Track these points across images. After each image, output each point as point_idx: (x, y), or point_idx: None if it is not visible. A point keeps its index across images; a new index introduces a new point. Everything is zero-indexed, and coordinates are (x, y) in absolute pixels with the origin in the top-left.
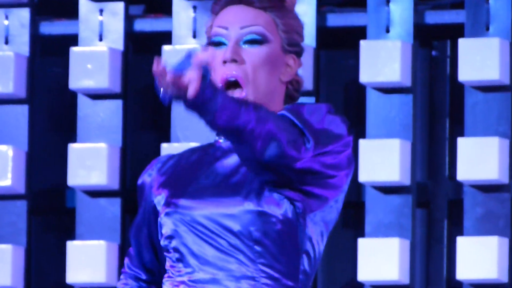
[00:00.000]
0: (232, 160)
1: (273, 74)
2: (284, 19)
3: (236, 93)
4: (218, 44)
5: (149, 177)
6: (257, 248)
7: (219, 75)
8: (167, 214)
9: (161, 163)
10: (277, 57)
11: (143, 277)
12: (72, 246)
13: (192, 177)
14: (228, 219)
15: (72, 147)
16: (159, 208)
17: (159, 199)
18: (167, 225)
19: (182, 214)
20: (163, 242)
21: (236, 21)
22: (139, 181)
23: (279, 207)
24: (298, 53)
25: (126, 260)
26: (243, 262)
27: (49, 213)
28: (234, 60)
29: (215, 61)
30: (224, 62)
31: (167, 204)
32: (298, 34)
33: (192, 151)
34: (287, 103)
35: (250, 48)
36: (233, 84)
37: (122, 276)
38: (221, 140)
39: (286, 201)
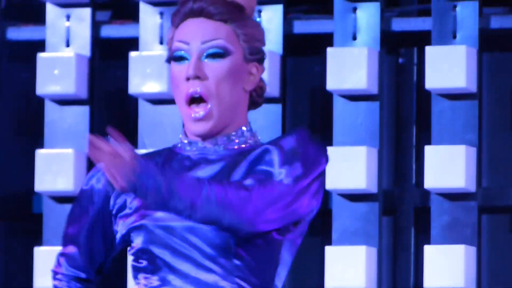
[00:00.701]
0: (206, 171)
1: (237, 85)
2: (244, 29)
3: (201, 107)
4: (180, 59)
5: (98, 182)
6: (236, 261)
7: (182, 91)
8: (141, 225)
9: None
10: (240, 67)
11: (83, 276)
12: (39, 252)
13: None
14: (208, 231)
15: (39, 152)
16: (123, 215)
17: (126, 206)
18: (140, 237)
19: (159, 226)
20: (132, 252)
21: (197, 36)
22: (86, 186)
23: None
24: (260, 59)
25: (62, 260)
26: (220, 274)
27: (16, 219)
28: (197, 77)
29: (177, 77)
30: (188, 79)
31: (142, 216)
32: (259, 41)
33: (152, 157)
34: (250, 109)
35: (212, 62)
36: (197, 99)
37: (58, 276)
38: (187, 147)
39: None
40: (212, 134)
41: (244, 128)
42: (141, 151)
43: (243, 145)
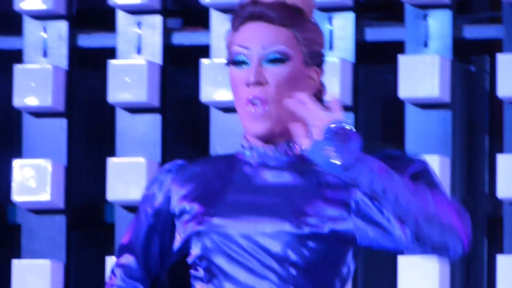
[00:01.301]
0: (267, 178)
1: (297, 90)
2: (304, 33)
3: (261, 107)
4: (240, 63)
5: (160, 186)
6: (293, 271)
7: (242, 96)
8: (199, 232)
9: (175, 173)
10: (300, 72)
11: (140, 287)
12: (111, 261)
13: (223, 192)
14: (266, 239)
15: (111, 161)
16: (182, 221)
17: (186, 212)
18: (198, 244)
19: (217, 233)
20: (191, 260)
21: (257, 41)
22: (147, 191)
23: (318, 230)
24: (320, 63)
25: (118, 271)
26: (275, 283)
27: (88, 228)
28: (258, 83)
29: (237, 81)
30: (248, 84)
31: (199, 222)
32: (319, 45)
33: (212, 162)
34: None
35: (273, 67)
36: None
37: None
38: (247, 153)
39: (328, 224)
40: (271, 135)
41: None
42: None
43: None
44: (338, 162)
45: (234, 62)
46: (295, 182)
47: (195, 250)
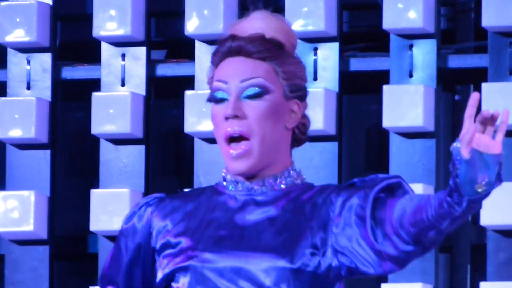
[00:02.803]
0: (255, 214)
1: (278, 123)
2: (284, 67)
3: (241, 145)
4: (220, 100)
5: (139, 220)
6: None
7: (222, 131)
8: (188, 267)
9: (154, 206)
10: (280, 105)
11: None
12: None
13: (209, 227)
14: (259, 274)
15: (95, 192)
16: (166, 255)
17: (170, 246)
18: (186, 277)
19: (206, 268)
20: None
21: (236, 75)
22: (126, 225)
23: (310, 263)
24: (302, 97)
25: None
26: None
27: (72, 258)
28: (236, 116)
29: (217, 117)
30: (226, 118)
31: (189, 257)
32: (300, 78)
33: (193, 196)
34: (293, 147)
35: (252, 101)
36: (237, 138)
37: None
38: (231, 189)
39: (317, 257)
40: (253, 172)
41: (289, 168)
42: None
43: (290, 185)
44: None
45: (214, 99)
46: (283, 216)
47: (182, 284)
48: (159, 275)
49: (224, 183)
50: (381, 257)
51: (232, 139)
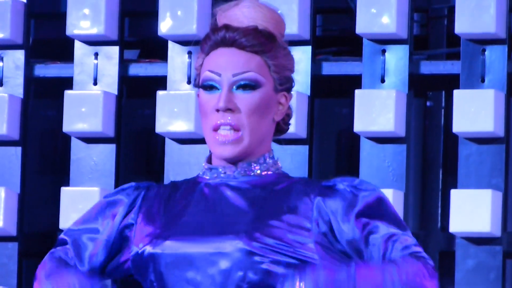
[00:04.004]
0: (226, 198)
1: (267, 116)
2: (275, 60)
3: (230, 133)
4: (210, 88)
5: (127, 197)
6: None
7: (211, 121)
8: (153, 255)
9: (144, 190)
10: (270, 99)
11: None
12: None
13: (180, 214)
14: (223, 258)
15: (65, 190)
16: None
17: (140, 232)
18: (150, 265)
19: (170, 255)
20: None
21: (229, 67)
22: (114, 196)
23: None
24: (289, 88)
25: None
26: None
27: (40, 256)
28: (228, 109)
29: (207, 106)
30: (218, 110)
31: (153, 245)
32: (289, 70)
33: (175, 186)
34: (275, 136)
35: (243, 94)
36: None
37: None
38: (207, 177)
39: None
40: (237, 159)
41: (266, 155)
42: None
43: (265, 172)
44: None
45: (204, 86)
46: (254, 202)
47: (149, 270)
48: (124, 256)
49: (201, 173)
50: None
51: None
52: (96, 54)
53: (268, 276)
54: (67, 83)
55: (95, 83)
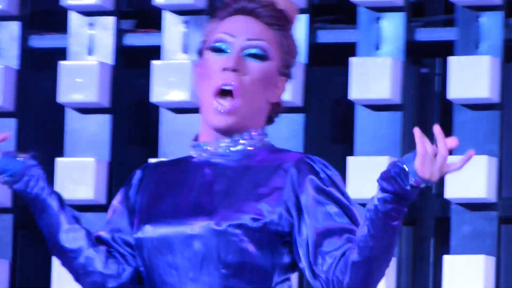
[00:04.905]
0: (206, 176)
1: (265, 92)
2: (286, 40)
3: (227, 101)
4: (219, 50)
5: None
6: (225, 270)
7: (216, 81)
8: (137, 240)
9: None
10: (273, 76)
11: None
12: (57, 261)
13: (161, 197)
14: (191, 239)
15: (60, 161)
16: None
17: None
18: (136, 251)
19: (149, 239)
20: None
21: (244, 32)
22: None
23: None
24: (288, 76)
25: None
26: (209, 282)
27: (35, 227)
28: (235, 70)
29: (213, 67)
30: (225, 69)
31: (137, 230)
32: (293, 58)
33: (163, 166)
34: (265, 124)
35: (252, 61)
36: (227, 92)
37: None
38: (193, 155)
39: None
40: (232, 130)
41: (252, 131)
42: (162, 159)
43: (249, 148)
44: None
45: (214, 48)
46: (231, 180)
47: (138, 259)
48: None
49: (191, 152)
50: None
51: (220, 93)
52: (91, 25)
53: (243, 255)
54: (62, 54)
55: (90, 54)
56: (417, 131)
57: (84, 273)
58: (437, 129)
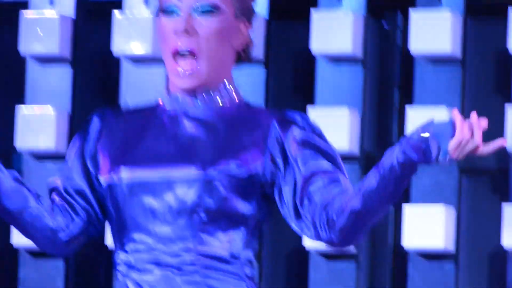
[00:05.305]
0: (184, 127)
1: (226, 43)
2: None
3: (188, 64)
4: (171, 12)
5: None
6: (203, 215)
7: (170, 45)
8: (109, 183)
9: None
10: (230, 26)
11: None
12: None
13: (137, 142)
14: (173, 183)
15: (20, 110)
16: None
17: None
18: (107, 194)
19: (125, 181)
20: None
21: None
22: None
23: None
24: (250, 18)
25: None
26: (187, 227)
27: None
28: (187, 32)
29: (166, 30)
30: (176, 32)
31: (108, 174)
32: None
33: (133, 112)
34: (237, 63)
35: (204, 18)
36: (185, 55)
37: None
38: (166, 105)
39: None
40: (199, 89)
41: (226, 82)
42: None
43: (228, 104)
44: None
45: (164, 10)
46: (211, 132)
47: (107, 202)
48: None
49: (161, 101)
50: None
51: (179, 55)
52: None
53: (224, 201)
54: (23, 5)
55: (52, 4)
56: (457, 115)
57: (33, 230)
58: (474, 116)
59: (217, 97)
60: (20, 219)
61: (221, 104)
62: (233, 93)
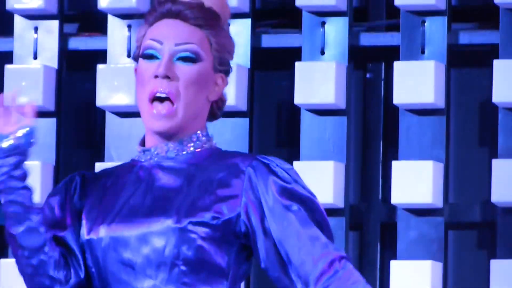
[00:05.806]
0: (160, 179)
1: (202, 93)
2: (217, 38)
3: (165, 106)
4: (150, 57)
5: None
6: (182, 267)
7: (148, 88)
8: (89, 240)
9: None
10: (208, 76)
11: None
12: (6, 264)
13: (114, 200)
14: (150, 236)
15: None
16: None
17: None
18: (87, 251)
19: (104, 239)
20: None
21: (171, 37)
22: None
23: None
24: (227, 71)
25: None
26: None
27: None
28: (167, 77)
29: (146, 74)
30: (156, 76)
31: (88, 232)
32: (229, 53)
33: (109, 172)
34: (208, 120)
35: (183, 65)
36: (162, 99)
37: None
38: (141, 159)
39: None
40: (171, 133)
41: (199, 132)
42: (108, 164)
43: (198, 149)
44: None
45: (144, 55)
46: (186, 181)
47: (87, 259)
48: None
49: (136, 157)
50: None
51: (156, 99)
52: (36, 28)
53: (202, 252)
54: (8, 57)
55: (35, 57)
56: None
57: (34, 274)
58: None
59: (190, 145)
60: (27, 259)
61: (193, 150)
62: (207, 142)
